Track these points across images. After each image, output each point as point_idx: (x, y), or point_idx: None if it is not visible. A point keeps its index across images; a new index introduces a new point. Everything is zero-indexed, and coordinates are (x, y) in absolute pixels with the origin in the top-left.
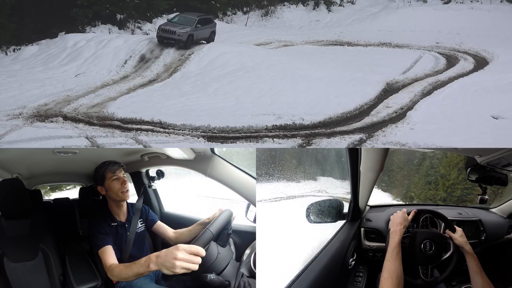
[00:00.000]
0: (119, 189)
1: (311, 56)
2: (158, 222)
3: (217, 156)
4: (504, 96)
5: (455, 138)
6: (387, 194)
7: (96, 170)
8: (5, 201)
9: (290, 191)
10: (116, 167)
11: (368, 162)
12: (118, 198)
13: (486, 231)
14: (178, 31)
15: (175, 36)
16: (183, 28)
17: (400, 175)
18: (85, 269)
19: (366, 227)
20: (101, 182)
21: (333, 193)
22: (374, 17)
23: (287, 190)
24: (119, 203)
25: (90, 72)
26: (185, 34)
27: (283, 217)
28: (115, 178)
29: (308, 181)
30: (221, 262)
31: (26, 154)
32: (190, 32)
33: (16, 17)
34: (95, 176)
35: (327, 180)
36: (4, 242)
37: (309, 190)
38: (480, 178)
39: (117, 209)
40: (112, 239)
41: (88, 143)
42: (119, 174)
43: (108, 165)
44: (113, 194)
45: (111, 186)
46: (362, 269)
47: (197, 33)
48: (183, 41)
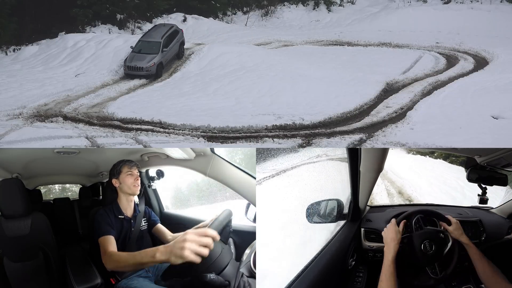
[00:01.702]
0: (132, 183)
1: (311, 56)
2: (158, 224)
3: (217, 156)
4: (504, 96)
5: (455, 138)
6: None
7: (114, 165)
8: (5, 201)
9: (290, 161)
10: (133, 164)
11: (368, 162)
12: (129, 191)
13: (486, 231)
14: (144, 66)
15: (143, 72)
16: (149, 60)
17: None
18: (85, 269)
19: (366, 227)
20: (117, 175)
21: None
22: (374, 17)
23: (287, 163)
24: (128, 197)
25: (90, 72)
26: (153, 67)
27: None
28: (129, 173)
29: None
30: (221, 262)
31: (26, 154)
32: (158, 61)
33: (16, 17)
34: (111, 170)
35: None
36: (4, 242)
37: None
38: (480, 178)
39: (126, 204)
40: (116, 232)
41: (88, 143)
42: (134, 170)
43: (126, 161)
44: (126, 187)
45: (125, 180)
46: (362, 269)
47: (166, 57)
48: (153, 73)
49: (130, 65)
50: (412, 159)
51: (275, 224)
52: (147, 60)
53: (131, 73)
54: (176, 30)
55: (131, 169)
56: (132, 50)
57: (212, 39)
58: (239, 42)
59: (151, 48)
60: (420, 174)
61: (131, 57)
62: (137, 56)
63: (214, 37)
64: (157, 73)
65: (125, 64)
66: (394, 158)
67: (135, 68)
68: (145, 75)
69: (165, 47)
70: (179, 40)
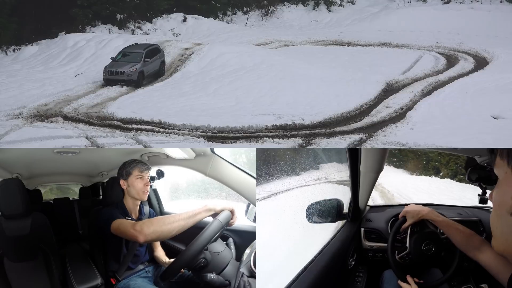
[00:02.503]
0: (141, 188)
1: (311, 56)
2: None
3: (217, 156)
4: (504, 96)
5: (455, 138)
6: (401, 170)
7: (124, 164)
8: (5, 201)
9: (289, 184)
10: (145, 167)
11: (368, 162)
12: (137, 196)
13: (486, 231)
14: (126, 70)
15: (124, 76)
16: (131, 66)
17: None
18: (85, 269)
19: (366, 227)
20: (126, 176)
21: (332, 178)
22: (374, 17)
23: (286, 185)
24: (135, 201)
25: (90, 72)
26: (135, 73)
27: (282, 216)
28: (140, 177)
29: (308, 172)
30: (221, 262)
31: (26, 154)
32: (140, 68)
33: (16, 17)
34: (121, 169)
35: (329, 166)
36: (4, 242)
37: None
38: (480, 178)
39: (132, 206)
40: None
41: (88, 143)
42: (145, 175)
43: (138, 163)
44: (134, 192)
45: (135, 184)
46: (362, 269)
47: (147, 68)
48: (134, 80)
49: (110, 69)
50: (419, 180)
51: (275, 224)
52: (129, 66)
53: (111, 78)
54: (158, 48)
55: (142, 172)
56: (113, 59)
57: (212, 39)
58: (239, 42)
59: (133, 57)
60: (432, 196)
61: (111, 64)
62: (117, 63)
63: (214, 37)
64: (138, 81)
65: (105, 70)
66: (398, 182)
67: (116, 72)
68: (126, 81)
69: (148, 58)
70: (160, 58)
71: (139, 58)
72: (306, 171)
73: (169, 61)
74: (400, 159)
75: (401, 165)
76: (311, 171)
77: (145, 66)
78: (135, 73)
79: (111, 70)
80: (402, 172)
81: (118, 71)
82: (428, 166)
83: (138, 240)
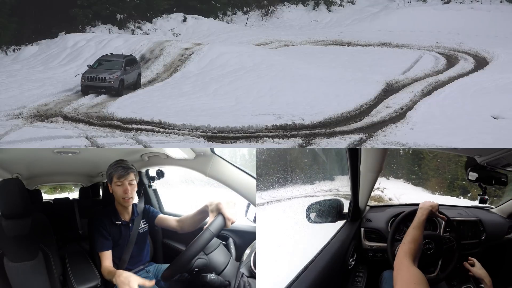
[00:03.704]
0: (121, 195)
1: (311, 56)
2: (160, 215)
3: (217, 156)
4: (504, 96)
5: (455, 138)
6: (420, 188)
7: (108, 167)
8: (5, 201)
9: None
10: (124, 172)
11: (368, 162)
12: (120, 202)
13: (486, 231)
14: (108, 77)
15: (105, 83)
16: (112, 73)
17: (434, 162)
18: (85, 269)
19: (366, 227)
20: (110, 181)
21: (343, 192)
22: (374, 17)
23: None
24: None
25: None
26: (116, 80)
27: (283, 216)
28: (119, 184)
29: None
30: (221, 262)
31: (26, 154)
32: (121, 76)
33: (16, 17)
34: (107, 173)
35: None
36: (4, 242)
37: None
38: (480, 178)
39: (123, 209)
40: (113, 239)
41: (88, 143)
42: (124, 181)
43: (117, 167)
44: (117, 197)
45: (115, 190)
46: (362, 269)
47: (127, 77)
48: (115, 88)
49: (90, 75)
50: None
51: (275, 224)
52: (109, 72)
53: (90, 84)
54: (136, 59)
55: (121, 179)
56: (90, 66)
57: (212, 39)
58: (239, 42)
59: (112, 65)
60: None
61: (90, 71)
62: (97, 70)
63: (214, 37)
64: (119, 89)
65: (83, 76)
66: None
67: (96, 78)
68: (106, 88)
69: (128, 66)
70: (138, 70)
71: (119, 66)
72: (321, 181)
73: (169, 61)
74: (419, 177)
75: (420, 183)
76: (326, 182)
77: (126, 75)
78: (116, 80)
79: (91, 76)
80: (421, 191)
81: (98, 77)
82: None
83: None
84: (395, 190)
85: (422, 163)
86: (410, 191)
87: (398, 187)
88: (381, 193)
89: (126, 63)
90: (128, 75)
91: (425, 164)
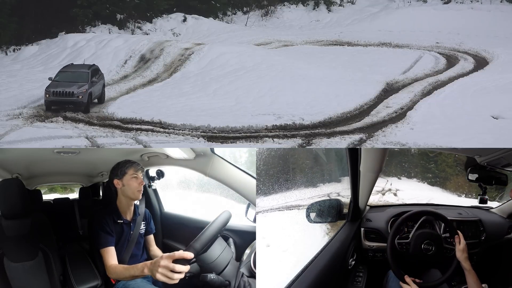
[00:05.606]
0: (136, 187)
1: (311, 56)
2: (151, 235)
3: (217, 156)
4: (504, 96)
5: (455, 138)
6: (438, 189)
7: (118, 164)
8: (5, 201)
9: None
10: (139, 167)
11: (368, 162)
12: (132, 196)
13: (486, 231)
14: (76, 91)
15: (74, 98)
16: (80, 87)
17: (452, 158)
18: (85, 269)
19: (366, 227)
20: (121, 176)
21: (343, 195)
22: (374, 17)
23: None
24: (130, 201)
25: None
26: (85, 94)
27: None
28: (135, 176)
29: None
30: (221, 262)
31: (26, 154)
32: (89, 89)
33: (16, 17)
34: (114, 169)
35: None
36: (4, 242)
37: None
38: (480, 178)
39: (125, 207)
40: (114, 238)
41: (88, 143)
42: (139, 174)
43: (132, 163)
44: (129, 191)
45: (130, 183)
46: (362, 269)
47: (94, 89)
48: (83, 103)
49: (56, 90)
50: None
51: (275, 224)
52: (76, 86)
53: (57, 99)
54: (98, 69)
55: (137, 172)
56: (53, 79)
57: (212, 39)
58: (239, 42)
59: (78, 77)
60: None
61: (54, 84)
62: (62, 83)
63: (214, 37)
64: (87, 104)
65: (47, 91)
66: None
67: (63, 93)
68: (75, 103)
69: (94, 77)
70: (102, 79)
71: (85, 78)
72: (325, 184)
73: (169, 61)
74: (436, 175)
75: (437, 183)
76: (330, 184)
77: (93, 87)
78: (85, 94)
79: (57, 91)
80: (440, 191)
81: (66, 91)
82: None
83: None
84: (410, 191)
85: (439, 159)
86: (428, 193)
87: (412, 187)
88: (394, 197)
89: (92, 73)
90: (95, 87)
91: (442, 160)
